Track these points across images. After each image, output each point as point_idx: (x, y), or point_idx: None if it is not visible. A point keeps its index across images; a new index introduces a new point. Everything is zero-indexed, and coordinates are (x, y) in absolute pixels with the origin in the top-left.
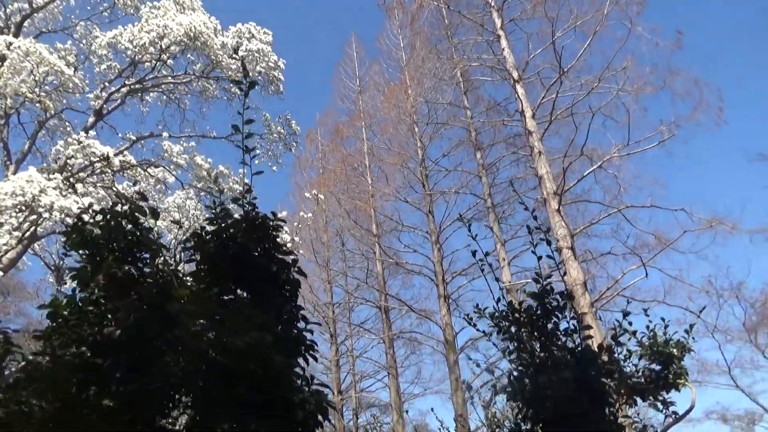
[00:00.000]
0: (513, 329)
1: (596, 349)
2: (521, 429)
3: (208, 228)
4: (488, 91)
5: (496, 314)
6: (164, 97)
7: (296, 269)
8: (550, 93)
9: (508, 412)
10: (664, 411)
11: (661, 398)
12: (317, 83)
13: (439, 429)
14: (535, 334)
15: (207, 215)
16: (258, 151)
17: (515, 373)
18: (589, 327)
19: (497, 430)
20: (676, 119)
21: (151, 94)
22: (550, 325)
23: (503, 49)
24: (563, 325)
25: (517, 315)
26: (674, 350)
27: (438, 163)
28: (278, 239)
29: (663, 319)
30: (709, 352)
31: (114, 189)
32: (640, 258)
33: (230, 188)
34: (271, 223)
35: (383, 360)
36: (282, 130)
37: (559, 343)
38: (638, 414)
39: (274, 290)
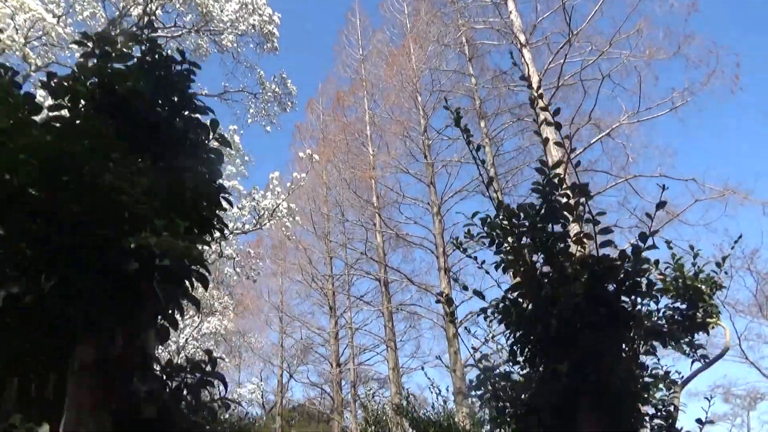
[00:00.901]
0: (510, 240)
1: (617, 257)
2: (517, 358)
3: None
4: (494, 59)
5: (489, 221)
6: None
7: (217, 136)
8: (558, 58)
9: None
10: (691, 355)
11: (686, 340)
12: (319, 52)
13: (430, 388)
14: (537, 242)
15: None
16: (251, 110)
17: (511, 294)
18: (609, 230)
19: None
20: (690, 86)
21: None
22: (556, 230)
23: (510, 12)
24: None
25: (514, 220)
26: (703, 286)
27: (441, 133)
28: (191, 91)
29: (692, 247)
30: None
31: None
32: (649, 228)
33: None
34: (178, 67)
35: (382, 333)
36: (277, 89)
37: (569, 252)
38: (658, 360)
39: (181, 156)
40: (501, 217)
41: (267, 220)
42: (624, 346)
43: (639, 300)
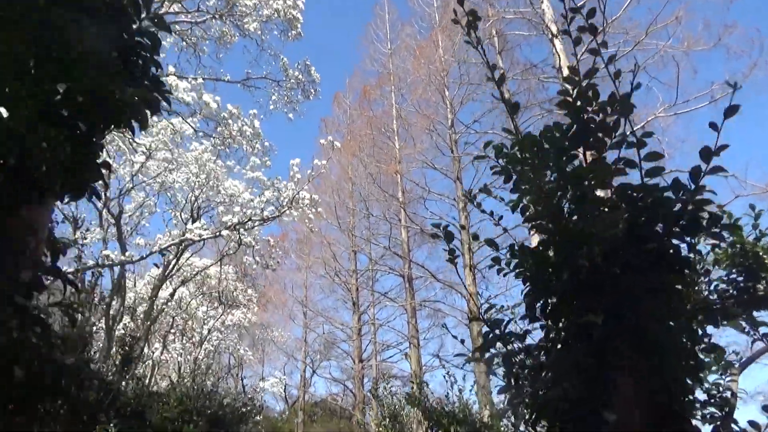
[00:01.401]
0: (531, 175)
1: (669, 186)
2: (535, 313)
3: None
4: (524, 53)
5: (504, 151)
6: (182, 42)
7: (152, 16)
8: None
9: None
10: (752, 333)
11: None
12: (347, 47)
13: (445, 377)
14: (566, 172)
15: None
16: (274, 97)
17: (527, 225)
18: (658, 155)
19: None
20: (730, 78)
21: (168, 40)
22: (588, 157)
23: (542, 3)
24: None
25: (536, 149)
26: (766, 255)
27: (470, 127)
28: None
29: (752, 207)
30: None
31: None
32: (715, 143)
33: (240, 130)
34: None
35: (405, 331)
36: (300, 76)
37: (605, 182)
38: (709, 339)
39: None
40: (520, 144)
41: (287, 207)
42: (671, 302)
43: (698, 242)
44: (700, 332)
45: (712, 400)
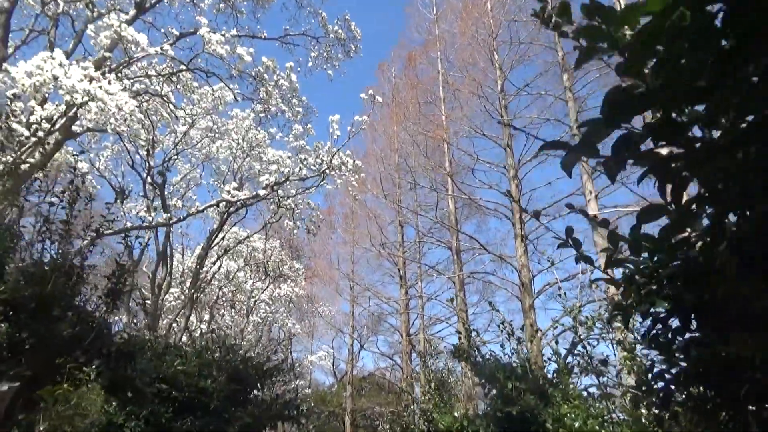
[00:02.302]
0: None
1: None
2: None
3: None
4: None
5: None
6: (220, 3)
7: None
8: None
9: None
10: None
11: None
12: (390, 27)
13: (499, 326)
14: None
15: None
16: (314, 54)
17: None
18: None
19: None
20: None
21: (206, 1)
22: None
23: None
24: None
25: None
26: None
27: (521, 90)
28: None
29: None
30: None
31: (154, 88)
32: None
33: (276, 84)
34: None
35: (454, 304)
36: (340, 32)
37: None
38: None
39: None
40: None
41: (328, 167)
42: None
43: None
44: None
45: None
